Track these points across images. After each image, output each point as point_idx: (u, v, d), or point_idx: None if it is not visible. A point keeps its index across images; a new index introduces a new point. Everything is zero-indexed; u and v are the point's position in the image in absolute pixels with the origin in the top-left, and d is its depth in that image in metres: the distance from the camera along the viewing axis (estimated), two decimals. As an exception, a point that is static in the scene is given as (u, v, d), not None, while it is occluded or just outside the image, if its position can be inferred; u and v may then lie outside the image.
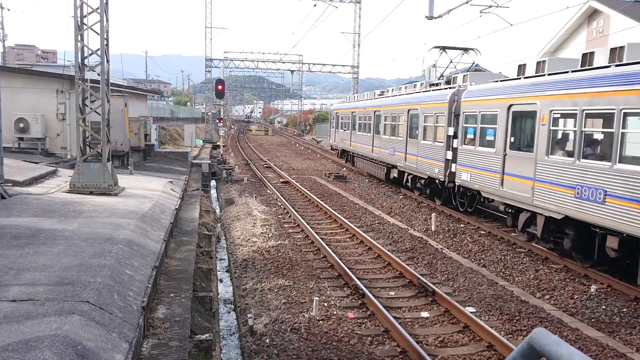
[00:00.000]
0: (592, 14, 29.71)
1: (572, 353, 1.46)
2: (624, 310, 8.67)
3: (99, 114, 12.85)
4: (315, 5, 40.39)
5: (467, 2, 15.49)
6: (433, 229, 14.50)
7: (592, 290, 9.60)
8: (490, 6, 15.82)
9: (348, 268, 10.20)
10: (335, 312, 8.20)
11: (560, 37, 31.82)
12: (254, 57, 54.01)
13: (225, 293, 10.09)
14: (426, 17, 16.81)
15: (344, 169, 30.71)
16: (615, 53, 9.90)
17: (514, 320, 8.03)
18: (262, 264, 10.78)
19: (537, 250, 12.02)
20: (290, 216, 15.91)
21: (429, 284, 9.22)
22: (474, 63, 19.00)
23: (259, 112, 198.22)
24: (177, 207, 12.96)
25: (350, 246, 12.62)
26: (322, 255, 11.56)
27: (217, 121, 51.92)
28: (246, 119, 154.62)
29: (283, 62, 53.63)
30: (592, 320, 8.31)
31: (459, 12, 18.24)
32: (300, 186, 21.71)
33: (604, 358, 6.81)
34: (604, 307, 8.83)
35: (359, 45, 50.90)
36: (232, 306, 9.28)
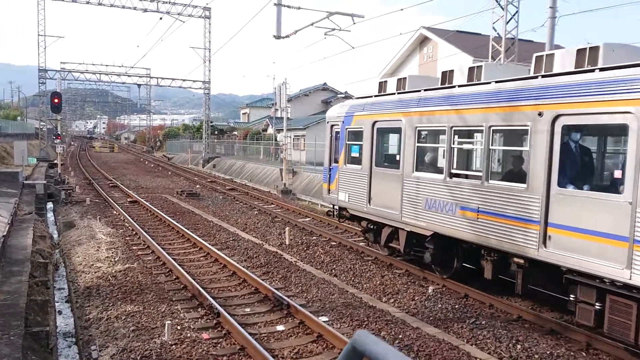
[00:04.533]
0: (423, 41, 32.95)
1: (387, 350, 1.60)
2: (456, 306, 9.65)
3: None
4: (161, 18, 38.98)
5: (312, 25, 16.22)
6: (287, 242, 14.78)
7: (429, 291, 10.54)
8: (334, 29, 16.76)
9: (202, 288, 9.95)
10: (189, 335, 7.93)
11: (397, 60, 34.75)
12: (95, 69, 50.48)
13: (65, 326, 9.22)
14: (274, 36, 17.24)
15: (198, 186, 29.99)
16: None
17: (364, 325, 8.48)
18: (108, 291, 10.04)
19: (382, 257, 12.89)
20: (139, 237, 15.07)
21: (284, 297, 9.36)
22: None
23: (104, 128, 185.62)
24: (4, 233, 11.59)
25: (204, 265, 12.33)
26: (174, 277, 11.13)
27: (54, 137, 47.47)
28: (89, 135, 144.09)
29: (129, 75, 50.85)
30: (431, 318, 9.11)
31: (306, 33, 18.99)
32: (150, 205, 20.71)
33: (440, 352, 7.48)
34: (440, 305, 9.74)
35: (209, 60, 50.40)
36: (74, 339, 8.51)
